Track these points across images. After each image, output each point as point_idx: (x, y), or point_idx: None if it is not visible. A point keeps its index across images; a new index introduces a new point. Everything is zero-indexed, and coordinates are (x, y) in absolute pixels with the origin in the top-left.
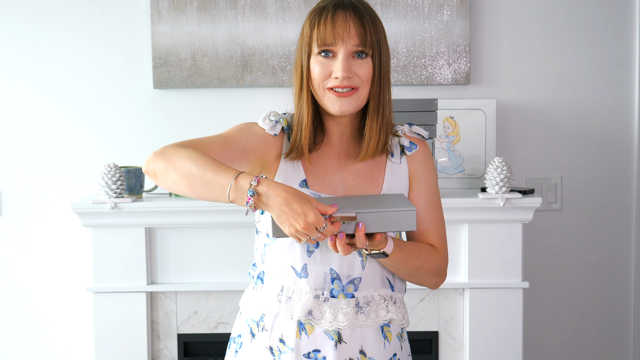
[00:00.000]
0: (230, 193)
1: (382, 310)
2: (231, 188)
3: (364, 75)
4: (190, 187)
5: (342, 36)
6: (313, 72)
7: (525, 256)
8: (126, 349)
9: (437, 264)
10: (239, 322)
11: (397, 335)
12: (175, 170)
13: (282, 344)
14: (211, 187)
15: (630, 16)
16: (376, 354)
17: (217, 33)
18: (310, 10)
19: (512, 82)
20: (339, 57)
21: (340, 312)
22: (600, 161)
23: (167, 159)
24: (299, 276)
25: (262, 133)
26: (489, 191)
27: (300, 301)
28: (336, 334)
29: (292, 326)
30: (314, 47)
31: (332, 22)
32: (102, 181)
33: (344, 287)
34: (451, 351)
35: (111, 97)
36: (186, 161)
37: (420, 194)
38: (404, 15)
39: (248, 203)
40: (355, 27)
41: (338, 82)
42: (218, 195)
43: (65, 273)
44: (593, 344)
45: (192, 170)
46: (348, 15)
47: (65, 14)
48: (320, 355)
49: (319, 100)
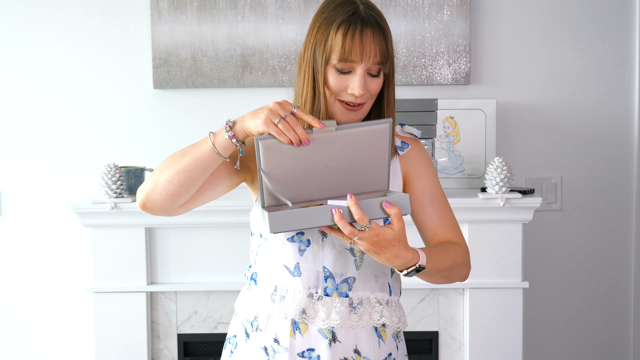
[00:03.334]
0: (215, 142)
1: (375, 314)
2: (211, 139)
3: (374, 90)
4: (180, 171)
5: (368, 55)
6: (328, 82)
7: (525, 256)
8: (126, 349)
9: (463, 256)
10: (234, 323)
11: (392, 335)
12: (160, 173)
13: (277, 343)
14: (196, 155)
15: (630, 16)
16: (370, 354)
17: (217, 33)
18: (323, 15)
19: (512, 82)
20: (358, 74)
21: (333, 310)
22: (600, 161)
23: (149, 179)
24: (292, 275)
25: None
26: (489, 191)
27: (294, 300)
28: (330, 332)
29: (286, 325)
30: (333, 57)
31: (360, 39)
32: (102, 181)
33: (337, 285)
34: (451, 351)
35: (111, 97)
36: (163, 163)
37: (425, 185)
38: (404, 15)
39: (228, 134)
40: (379, 47)
41: (353, 99)
42: (205, 154)
43: (65, 273)
44: (593, 344)
45: (173, 160)
46: (375, 34)
47: (65, 14)
48: (314, 354)
49: (328, 106)
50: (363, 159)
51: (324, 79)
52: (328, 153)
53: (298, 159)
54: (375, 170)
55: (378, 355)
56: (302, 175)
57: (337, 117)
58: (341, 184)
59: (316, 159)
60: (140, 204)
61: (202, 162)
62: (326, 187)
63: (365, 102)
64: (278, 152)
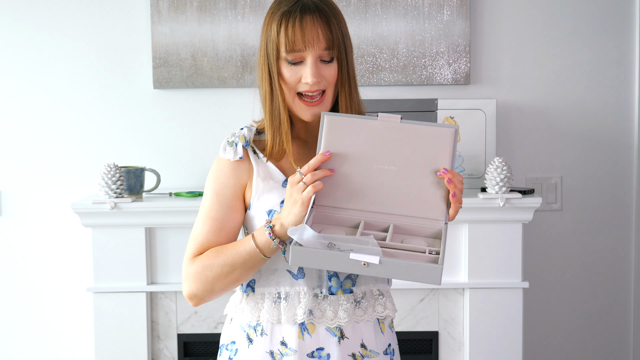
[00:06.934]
0: (263, 251)
1: (379, 306)
2: (258, 247)
3: (330, 77)
4: (234, 281)
5: (312, 42)
6: (283, 75)
7: (525, 256)
8: (126, 349)
9: None
10: (230, 329)
11: (388, 326)
12: (214, 283)
13: (284, 346)
14: (248, 266)
15: (630, 16)
16: (374, 346)
17: (217, 33)
18: (270, 11)
19: (512, 82)
20: (308, 62)
21: (340, 308)
22: (600, 161)
23: (199, 284)
24: (296, 278)
25: (231, 168)
26: (489, 191)
27: (300, 303)
28: (338, 330)
29: (293, 328)
30: (281, 50)
31: (300, 27)
32: (102, 181)
33: (342, 283)
34: (451, 351)
35: (111, 97)
36: (211, 270)
37: None
38: (404, 15)
39: (274, 242)
40: (323, 32)
41: (308, 87)
42: (255, 261)
43: (65, 273)
44: (593, 344)
45: (223, 272)
46: (315, 19)
47: (65, 14)
48: (324, 353)
49: (288, 105)
50: (423, 165)
51: (278, 73)
52: (389, 149)
53: (360, 147)
54: (433, 187)
55: (381, 347)
56: (360, 171)
57: (300, 115)
58: (395, 197)
59: (376, 154)
60: (194, 304)
61: (253, 269)
62: (378, 197)
63: (324, 89)
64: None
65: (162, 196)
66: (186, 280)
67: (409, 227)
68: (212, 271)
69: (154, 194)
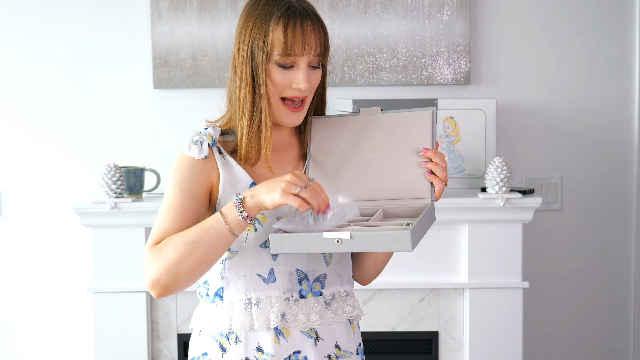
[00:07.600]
0: (229, 224)
1: (348, 307)
2: (224, 221)
3: (316, 83)
4: (200, 262)
5: (310, 47)
6: (272, 78)
7: (525, 256)
8: (126, 349)
9: None
10: (200, 341)
11: (357, 325)
12: (177, 266)
13: (261, 352)
14: (212, 242)
15: (630, 16)
16: (347, 346)
17: (217, 33)
18: (251, 11)
19: (512, 82)
20: (301, 67)
21: (312, 311)
22: (600, 161)
23: (162, 271)
24: (266, 282)
25: (196, 164)
26: (489, 191)
27: (272, 308)
28: (313, 331)
29: (268, 333)
30: (274, 53)
31: (302, 32)
32: (102, 181)
33: (311, 285)
34: (451, 351)
35: (111, 97)
36: (174, 252)
37: None
38: (404, 15)
39: (242, 214)
40: (319, 39)
41: (297, 93)
42: (221, 239)
43: (65, 273)
44: (593, 344)
45: (187, 250)
46: (314, 25)
47: (65, 13)
48: (301, 356)
49: (269, 107)
50: (406, 148)
51: (266, 76)
52: (373, 139)
53: (346, 142)
54: (418, 167)
55: (353, 347)
56: (347, 164)
57: (281, 121)
58: (384, 184)
59: (361, 146)
60: (157, 294)
61: (219, 247)
62: (367, 186)
63: (307, 96)
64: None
65: (162, 196)
66: (147, 266)
67: (398, 210)
68: (176, 250)
69: (154, 194)
